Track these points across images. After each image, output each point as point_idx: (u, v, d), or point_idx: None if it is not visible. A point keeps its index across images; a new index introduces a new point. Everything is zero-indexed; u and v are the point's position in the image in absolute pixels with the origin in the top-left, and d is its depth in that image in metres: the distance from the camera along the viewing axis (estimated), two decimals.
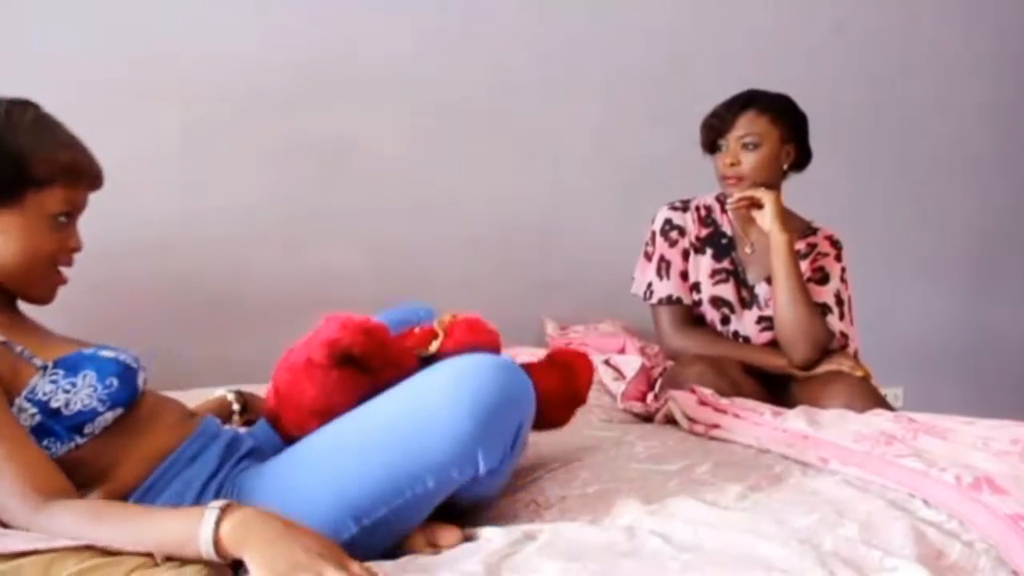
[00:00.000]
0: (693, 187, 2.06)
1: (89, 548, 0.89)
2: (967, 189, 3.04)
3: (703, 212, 2.01)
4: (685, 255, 1.98)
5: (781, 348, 1.86)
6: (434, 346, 1.26)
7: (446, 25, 2.46)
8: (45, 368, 1.07)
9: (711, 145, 1.92)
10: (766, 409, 1.59)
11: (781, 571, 0.91)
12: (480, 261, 2.45)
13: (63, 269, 1.17)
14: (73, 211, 1.15)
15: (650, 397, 1.89)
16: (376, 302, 1.51)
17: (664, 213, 2.01)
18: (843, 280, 1.95)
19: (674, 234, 1.98)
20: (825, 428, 1.44)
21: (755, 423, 1.52)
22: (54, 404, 1.05)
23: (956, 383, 2.97)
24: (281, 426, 1.24)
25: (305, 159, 2.36)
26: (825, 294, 1.90)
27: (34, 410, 1.05)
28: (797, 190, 1.99)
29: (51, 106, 1.17)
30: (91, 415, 1.07)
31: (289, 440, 1.19)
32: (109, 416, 1.08)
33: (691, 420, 1.62)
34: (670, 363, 1.99)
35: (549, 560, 0.95)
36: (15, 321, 1.15)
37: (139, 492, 1.10)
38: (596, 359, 2.09)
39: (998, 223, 3.10)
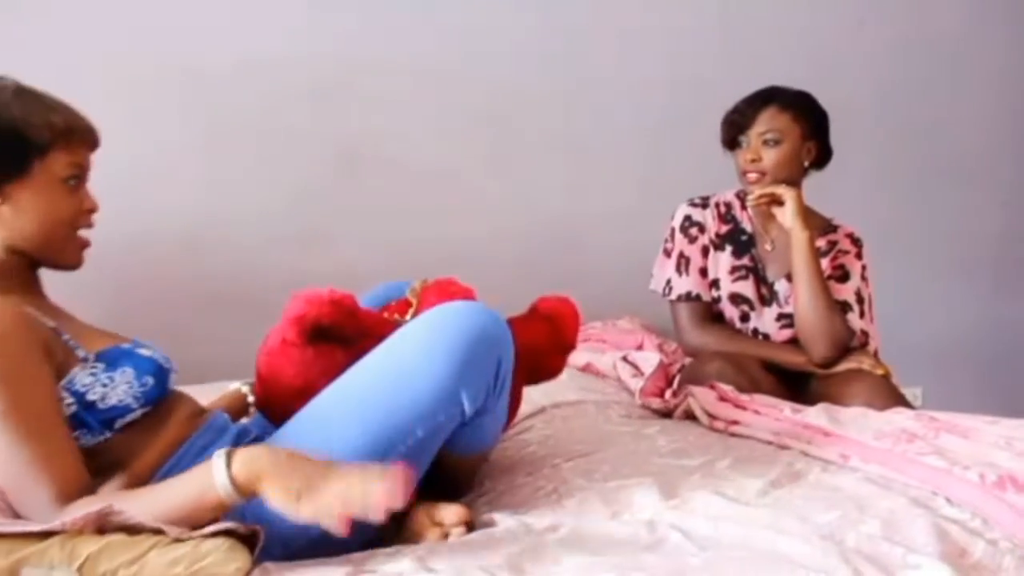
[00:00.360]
0: (712, 185, 2.05)
1: (108, 531, 0.91)
2: (991, 189, 3.02)
3: (723, 208, 2.00)
4: (705, 252, 1.97)
5: (801, 345, 1.85)
6: (410, 315, 1.26)
7: (470, 24, 2.46)
8: (86, 359, 1.08)
9: (732, 141, 1.91)
10: (786, 406, 1.58)
11: (804, 568, 0.91)
12: (500, 259, 2.44)
13: (83, 232, 1.17)
14: (80, 173, 1.15)
15: (668, 393, 1.88)
16: None
17: (684, 209, 2.00)
18: (863, 278, 1.93)
19: (694, 230, 1.97)
20: (845, 425, 1.43)
21: (775, 419, 1.51)
22: (91, 396, 1.06)
23: (976, 383, 2.94)
24: (271, 412, 1.24)
25: (328, 158, 2.36)
26: (845, 292, 1.89)
27: (71, 400, 1.05)
28: (824, 189, 1.97)
29: (76, 104, 1.18)
30: (124, 411, 1.08)
31: (280, 425, 1.19)
32: (139, 413, 1.10)
33: (711, 416, 1.61)
34: (688, 360, 1.99)
35: (570, 553, 0.96)
36: (50, 309, 1.16)
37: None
38: (614, 356, 2.09)
39: (1021, 223, 3.06)
